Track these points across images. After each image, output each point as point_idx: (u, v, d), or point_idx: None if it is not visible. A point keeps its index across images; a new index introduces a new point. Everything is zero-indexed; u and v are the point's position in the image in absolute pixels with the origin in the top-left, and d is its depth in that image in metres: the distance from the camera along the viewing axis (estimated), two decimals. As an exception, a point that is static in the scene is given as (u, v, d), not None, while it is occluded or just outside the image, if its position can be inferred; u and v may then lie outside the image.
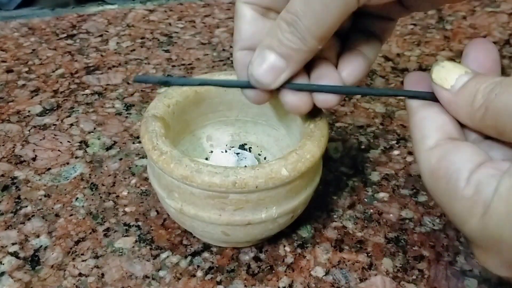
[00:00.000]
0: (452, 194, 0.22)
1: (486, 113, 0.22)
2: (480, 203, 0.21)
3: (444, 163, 0.22)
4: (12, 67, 0.57)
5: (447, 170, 0.22)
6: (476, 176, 0.21)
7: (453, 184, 0.22)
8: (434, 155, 0.23)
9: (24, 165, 0.44)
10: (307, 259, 0.36)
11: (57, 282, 0.34)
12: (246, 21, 0.30)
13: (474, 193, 0.21)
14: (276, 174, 0.30)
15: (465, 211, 0.21)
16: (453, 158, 0.22)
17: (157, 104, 0.35)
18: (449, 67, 0.24)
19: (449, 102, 0.24)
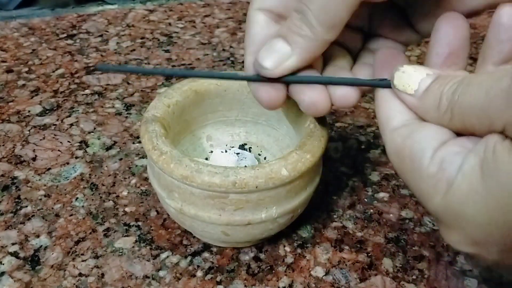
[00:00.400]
0: (417, 172, 0.22)
1: (453, 116, 0.22)
2: (444, 180, 0.21)
3: (409, 142, 0.23)
4: (12, 67, 0.57)
5: (412, 149, 0.22)
6: (440, 153, 0.21)
7: (417, 162, 0.22)
8: (399, 135, 0.23)
9: (24, 165, 0.44)
10: (307, 259, 0.36)
11: (57, 282, 0.34)
12: (258, 26, 0.29)
13: (437, 170, 0.21)
14: (276, 174, 0.30)
15: (430, 189, 0.21)
16: (418, 137, 0.22)
17: (157, 104, 0.35)
18: (409, 71, 0.24)
19: (415, 107, 0.24)
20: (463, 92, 0.21)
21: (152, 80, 0.55)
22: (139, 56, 0.59)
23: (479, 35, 0.64)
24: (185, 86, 0.37)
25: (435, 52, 0.25)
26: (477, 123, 0.21)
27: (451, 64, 0.25)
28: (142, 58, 0.59)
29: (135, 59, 0.59)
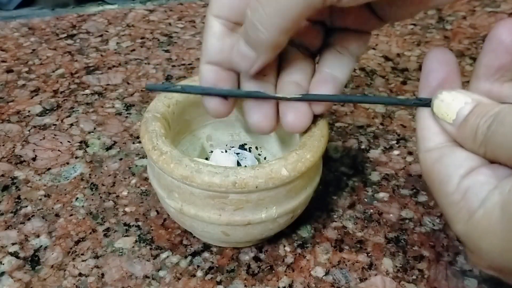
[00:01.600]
0: (443, 197, 0.23)
1: (486, 150, 0.22)
2: (466, 209, 0.21)
3: (437, 166, 0.23)
4: (12, 67, 0.57)
5: (439, 174, 0.23)
6: (466, 182, 0.22)
7: (444, 187, 0.23)
8: (430, 157, 0.24)
9: (24, 165, 0.44)
10: (307, 259, 0.36)
11: (57, 282, 0.34)
12: (215, 36, 0.30)
13: (461, 199, 0.22)
14: (276, 174, 0.30)
15: (453, 215, 0.22)
16: (446, 162, 0.23)
17: (157, 104, 0.35)
18: (448, 100, 0.24)
19: (454, 136, 0.24)
20: (496, 130, 0.21)
21: (152, 80, 0.55)
22: (139, 56, 0.59)
23: (479, 35, 0.64)
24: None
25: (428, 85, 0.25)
26: (508, 160, 0.21)
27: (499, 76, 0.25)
28: (142, 58, 0.59)
29: (135, 59, 0.59)
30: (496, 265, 0.21)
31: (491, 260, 0.21)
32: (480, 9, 0.70)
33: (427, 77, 0.25)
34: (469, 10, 0.70)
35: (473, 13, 0.69)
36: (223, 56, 0.30)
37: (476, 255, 0.22)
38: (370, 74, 0.56)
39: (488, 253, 0.21)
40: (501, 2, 0.71)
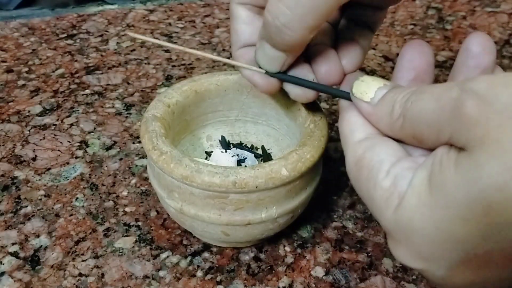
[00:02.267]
0: (372, 184, 0.22)
1: (404, 122, 0.22)
2: (396, 194, 0.21)
3: (369, 154, 0.23)
4: (12, 67, 0.57)
5: (370, 161, 0.23)
6: (395, 169, 0.22)
7: (374, 174, 0.22)
8: (361, 147, 0.24)
9: (24, 165, 0.44)
10: (307, 259, 0.36)
11: (57, 282, 0.34)
12: (242, 22, 0.30)
13: (391, 184, 0.22)
14: (276, 174, 0.30)
15: (382, 202, 0.22)
16: (378, 150, 0.23)
17: (157, 104, 0.35)
18: (368, 80, 0.25)
19: (370, 114, 0.24)
20: (416, 99, 0.22)
21: (152, 80, 0.55)
22: (139, 56, 0.59)
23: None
24: (185, 86, 0.37)
25: (400, 76, 0.26)
26: (427, 130, 0.21)
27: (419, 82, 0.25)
28: (142, 58, 0.59)
29: (135, 59, 0.59)
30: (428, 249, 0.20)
31: (423, 242, 0.20)
32: (480, 9, 0.70)
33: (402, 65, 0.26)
34: (469, 10, 0.70)
35: (473, 13, 0.69)
36: (255, 39, 0.30)
37: (405, 245, 0.21)
38: (370, 74, 0.56)
39: (420, 233, 0.20)
40: (501, 2, 0.71)
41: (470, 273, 0.20)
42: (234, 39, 0.31)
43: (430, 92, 0.21)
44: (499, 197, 0.17)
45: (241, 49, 0.31)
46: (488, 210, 0.18)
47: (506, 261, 0.19)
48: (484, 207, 0.18)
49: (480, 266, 0.20)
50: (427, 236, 0.20)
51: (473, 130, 0.18)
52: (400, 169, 0.22)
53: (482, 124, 0.18)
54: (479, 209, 0.18)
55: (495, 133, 0.18)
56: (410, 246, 0.21)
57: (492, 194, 0.17)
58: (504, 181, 0.17)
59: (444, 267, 0.20)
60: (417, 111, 0.21)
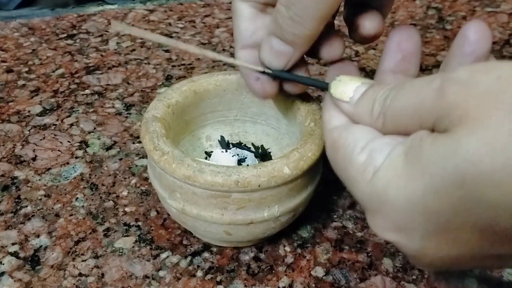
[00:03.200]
0: (347, 160, 0.23)
1: (385, 119, 0.22)
2: (371, 167, 0.21)
3: (345, 134, 0.24)
4: (12, 67, 0.57)
5: (346, 139, 0.23)
6: (371, 144, 0.22)
7: (349, 151, 0.23)
8: (337, 130, 0.24)
9: (24, 165, 0.44)
10: (307, 259, 0.36)
11: (57, 282, 0.34)
12: (245, 19, 0.30)
13: (366, 158, 0.22)
14: (278, 172, 0.30)
15: (357, 176, 0.22)
16: (354, 130, 0.23)
17: (157, 104, 0.35)
18: (345, 80, 0.25)
19: (351, 113, 0.24)
20: (395, 96, 0.22)
21: (152, 80, 0.55)
22: (139, 56, 0.59)
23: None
24: (185, 87, 0.37)
25: (389, 56, 0.26)
26: (409, 123, 0.21)
27: (403, 69, 0.26)
28: (142, 58, 0.59)
29: (135, 59, 0.59)
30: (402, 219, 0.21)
31: (397, 212, 0.20)
32: (480, 9, 0.70)
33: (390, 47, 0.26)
34: (469, 10, 0.70)
35: (473, 13, 0.69)
36: (257, 38, 0.30)
37: (381, 215, 0.21)
38: (370, 74, 0.56)
39: (394, 203, 0.20)
40: (501, 2, 0.71)
41: (442, 247, 0.20)
42: (236, 37, 0.31)
43: (410, 87, 0.21)
44: (473, 172, 0.17)
45: (244, 50, 0.30)
46: (461, 183, 0.18)
47: (477, 238, 0.19)
48: (457, 181, 0.18)
49: (452, 240, 0.20)
50: (400, 207, 0.20)
51: (453, 112, 0.18)
52: (377, 145, 0.22)
53: (461, 106, 0.18)
54: (452, 182, 0.18)
55: (473, 112, 0.18)
56: (384, 217, 0.21)
57: (466, 168, 0.17)
58: (479, 156, 0.17)
59: (417, 239, 0.21)
60: (397, 108, 0.21)
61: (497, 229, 0.18)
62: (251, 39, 0.30)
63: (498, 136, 0.17)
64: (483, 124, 0.17)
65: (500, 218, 0.18)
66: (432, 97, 0.20)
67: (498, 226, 0.18)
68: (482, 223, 0.18)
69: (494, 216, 0.18)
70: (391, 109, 0.22)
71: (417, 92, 0.21)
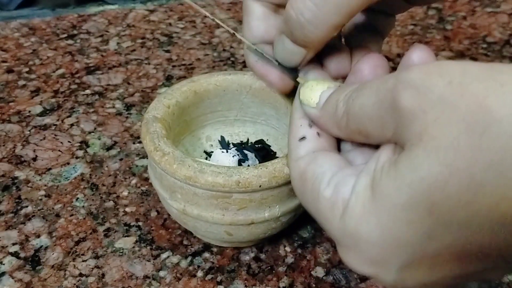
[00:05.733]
0: (315, 196, 0.22)
1: (348, 119, 0.22)
2: (340, 203, 0.21)
3: (312, 166, 0.23)
4: (12, 67, 0.57)
5: (313, 173, 0.23)
6: (336, 177, 0.22)
7: (317, 185, 0.22)
8: (304, 161, 0.24)
9: (25, 165, 0.44)
10: (308, 259, 0.36)
11: (58, 282, 0.34)
12: (257, 18, 0.29)
13: (332, 193, 0.21)
14: (279, 173, 0.30)
15: (327, 212, 0.22)
16: (320, 162, 0.23)
17: (157, 105, 0.35)
18: (312, 85, 0.25)
19: (317, 118, 0.24)
20: (357, 95, 0.21)
21: (153, 80, 0.55)
22: (140, 56, 0.59)
23: (479, 35, 0.64)
24: (185, 87, 0.37)
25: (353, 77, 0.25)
26: (370, 125, 0.21)
27: None
28: (142, 58, 0.59)
29: (135, 59, 0.59)
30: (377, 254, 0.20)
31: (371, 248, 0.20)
32: (480, 9, 0.70)
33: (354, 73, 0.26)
34: (469, 10, 0.70)
35: (473, 13, 0.69)
36: (269, 37, 0.29)
37: (355, 251, 0.21)
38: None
39: (367, 240, 0.20)
40: (501, 2, 0.71)
41: (421, 274, 0.20)
42: (247, 36, 0.30)
43: (370, 86, 0.21)
44: (441, 196, 0.17)
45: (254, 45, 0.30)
46: (431, 209, 0.18)
47: (455, 259, 0.19)
48: (427, 208, 0.18)
49: (430, 265, 0.20)
50: (374, 242, 0.20)
51: (411, 126, 0.18)
52: (341, 177, 0.22)
53: (420, 119, 0.18)
54: (422, 210, 0.18)
55: (431, 129, 0.17)
56: (359, 253, 0.21)
57: (434, 194, 0.17)
58: (443, 179, 0.17)
59: (394, 270, 0.20)
60: (358, 107, 0.21)
61: (473, 248, 0.18)
62: (263, 39, 0.30)
63: (459, 155, 0.17)
64: (441, 143, 0.17)
65: (474, 237, 0.18)
66: (388, 98, 0.19)
67: (474, 245, 0.18)
68: (457, 245, 0.18)
69: (468, 236, 0.18)
70: (353, 109, 0.21)
71: (375, 93, 0.20)
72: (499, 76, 0.17)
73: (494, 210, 0.17)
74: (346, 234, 0.21)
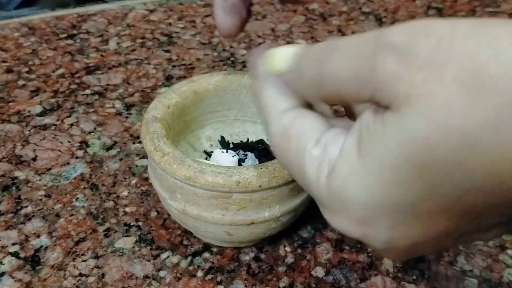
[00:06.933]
0: (301, 154, 0.21)
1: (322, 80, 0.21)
2: (326, 162, 0.20)
3: (298, 121, 0.22)
4: (12, 67, 0.57)
5: (300, 129, 0.22)
6: (325, 136, 0.21)
7: (303, 143, 0.21)
8: (288, 115, 0.22)
9: (25, 165, 0.44)
10: (308, 259, 0.36)
11: (58, 282, 0.34)
12: None
13: (321, 152, 0.21)
14: (279, 173, 0.30)
15: (313, 171, 0.21)
16: (308, 119, 0.22)
17: (157, 105, 0.35)
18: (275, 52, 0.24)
19: (289, 80, 0.23)
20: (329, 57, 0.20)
21: (152, 80, 0.55)
22: (139, 56, 0.59)
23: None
24: (184, 87, 0.37)
25: None
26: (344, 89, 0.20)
27: None
28: (142, 58, 0.59)
29: (135, 59, 0.59)
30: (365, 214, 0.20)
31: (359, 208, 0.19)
32: (480, 9, 0.70)
33: None
34: (469, 10, 0.70)
35: (473, 13, 0.69)
36: None
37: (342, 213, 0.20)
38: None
39: (355, 200, 0.19)
40: (501, 2, 0.71)
41: (413, 233, 0.20)
42: None
43: (343, 48, 0.20)
44: (432, 157, 0.17)
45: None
46: (422, 170, 0.17)
47: (445, 219, 0.19)
48: (417, 168, 0.17)
49: (421, 226, 0.19)
50: (362, 204, 0.19)
51: (396, 87, 0.17)
52: (330, 136, 0.21)
53: (406, 80, 0.17)
54: (412, 171, 0.17)
55: (421, 89, 0.17)
56: (347, 214, 0.20)
57: (424, 154, 0.17)
58: (434, 140, 0.16)
59: (384, 230, 0.20)
60: (331, 71, 0.20)
61: (466, 208, 0.18)
62: None
63: (452, 114, 0.16)
64: (432, 102, 0.16)
65: (466, 196, 0.17)
66: (367, 64, 0.18)
67: (467, 205, 0.18)
68: (449, 203, 0.18)
69: (460, 196, 0.17)
70: (328, 70, 0.20)
71: (350, 56, 0.19)
72: (491, 30, 0.16)
73: (489, 169, 0.16)
74: (332, 195, 0.20)
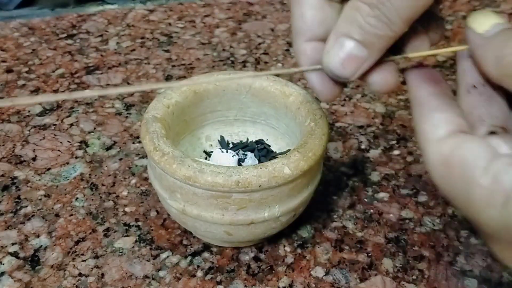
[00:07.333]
0: (468, 183, 0.21)
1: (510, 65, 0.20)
2: (501, 192, 0.20)
3: (460, 151, 0.21)
4: (12, 67, 0.57)
5: (464, 158, 0.21)
6: (494, 165, 0.20)
7: (470, 172, 0.21)
8: (447, 144, 0.22)
9: (24, 165, 0.44)
10: (307, 259, 0.36)
11: (57, 282, 0.34)
12: (312, 7, 0.26)
13: (492, 182, 0.20)
14: (279, 173, 0.30)
15: (483, 201, 0.20)
16: (470, 146, 0.21)
17: (157, 105, 0.35)
18: (487, 13, 0.23)
19: (478, 46, 0.22)
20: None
21: (152, 80, 0.55)
22: (139, 56, 0.59)
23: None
24: (184, 87, 0.37)
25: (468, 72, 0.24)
26: None
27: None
28: (142, 58, 0.59)
29: (135, 59, 0.59)
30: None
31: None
32: (480, 9, 0.70)
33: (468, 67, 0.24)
34: (469, 10, 0.70)
35: (473, 13, 0.69)
36: (326, 28, 0.26)
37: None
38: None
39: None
40: (501, 2, 0.71)
41: None
42: (299, 27, 0.26)
43: None
44: None
45: (311, 42, 0.26)
46: None
47: None
48: None
49: None
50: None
51: None
52: (500, 166, 0.20)
53: None
54: None
55: None
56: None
57: None
58: None
59: None
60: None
61: None
62: (319, 30, 0.26)
63: None
64: None
65: None
66: None
67: None
68: None
69: None
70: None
71: None
72: None
73: None
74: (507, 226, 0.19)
